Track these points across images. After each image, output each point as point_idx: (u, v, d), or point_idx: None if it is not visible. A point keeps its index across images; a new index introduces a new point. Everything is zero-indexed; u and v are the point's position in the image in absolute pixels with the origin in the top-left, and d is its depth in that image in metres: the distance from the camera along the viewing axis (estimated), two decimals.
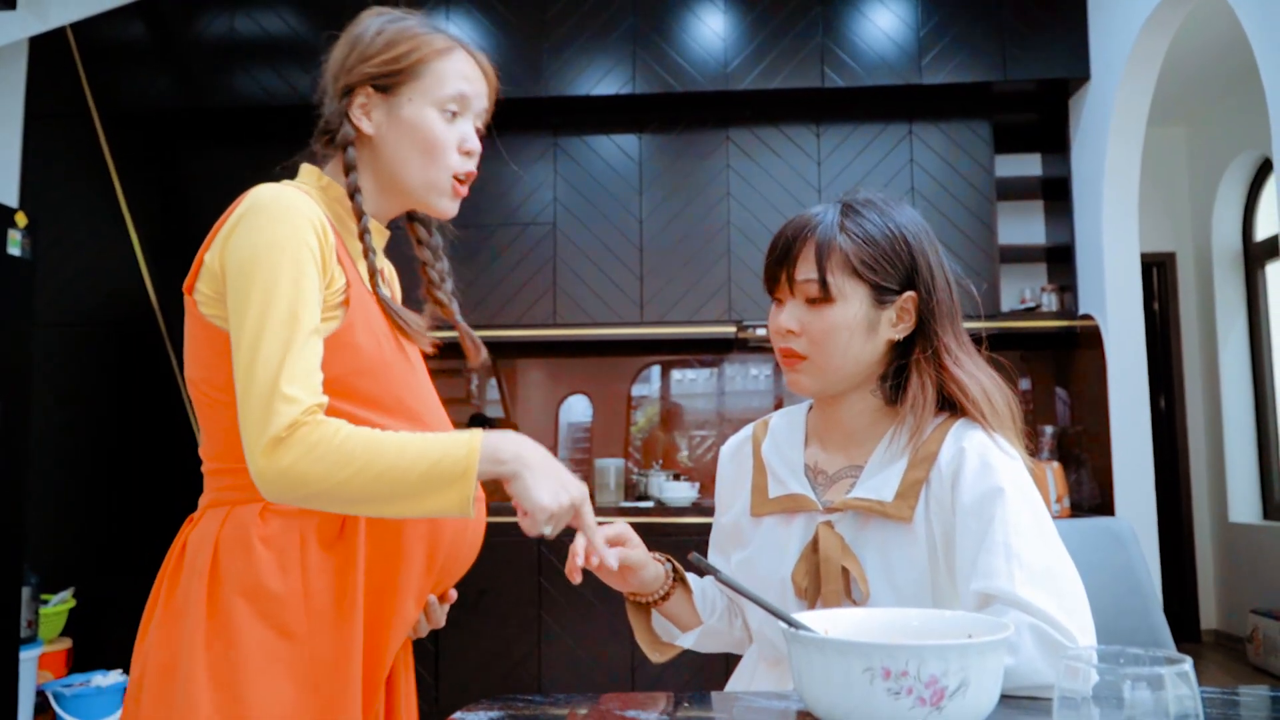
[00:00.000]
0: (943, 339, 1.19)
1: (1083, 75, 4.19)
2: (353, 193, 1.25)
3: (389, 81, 1.26)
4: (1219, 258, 5.45)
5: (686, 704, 0.94)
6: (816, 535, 1.17)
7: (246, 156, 4.66)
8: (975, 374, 1.19)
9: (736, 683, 1.26)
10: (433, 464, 1.04)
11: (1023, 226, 4.72)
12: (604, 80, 4.35)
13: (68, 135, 4.31)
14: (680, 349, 4.68)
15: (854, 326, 1.16)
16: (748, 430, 1.36)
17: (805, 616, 0.86)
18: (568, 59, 4.37)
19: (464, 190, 1.32)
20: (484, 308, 4.50)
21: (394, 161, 1.27)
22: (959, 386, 1.17)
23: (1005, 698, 0.91)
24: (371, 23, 1.29)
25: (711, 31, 4.33)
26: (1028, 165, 4.72)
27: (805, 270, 1.17)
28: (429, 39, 1.27)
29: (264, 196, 1.15)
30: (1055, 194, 4.59)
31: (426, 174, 1.27)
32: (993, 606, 1.04)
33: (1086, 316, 4.22)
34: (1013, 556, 1.04)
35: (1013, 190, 4.61)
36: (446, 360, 4.74)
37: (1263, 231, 5.34)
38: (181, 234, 4.60)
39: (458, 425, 1.17)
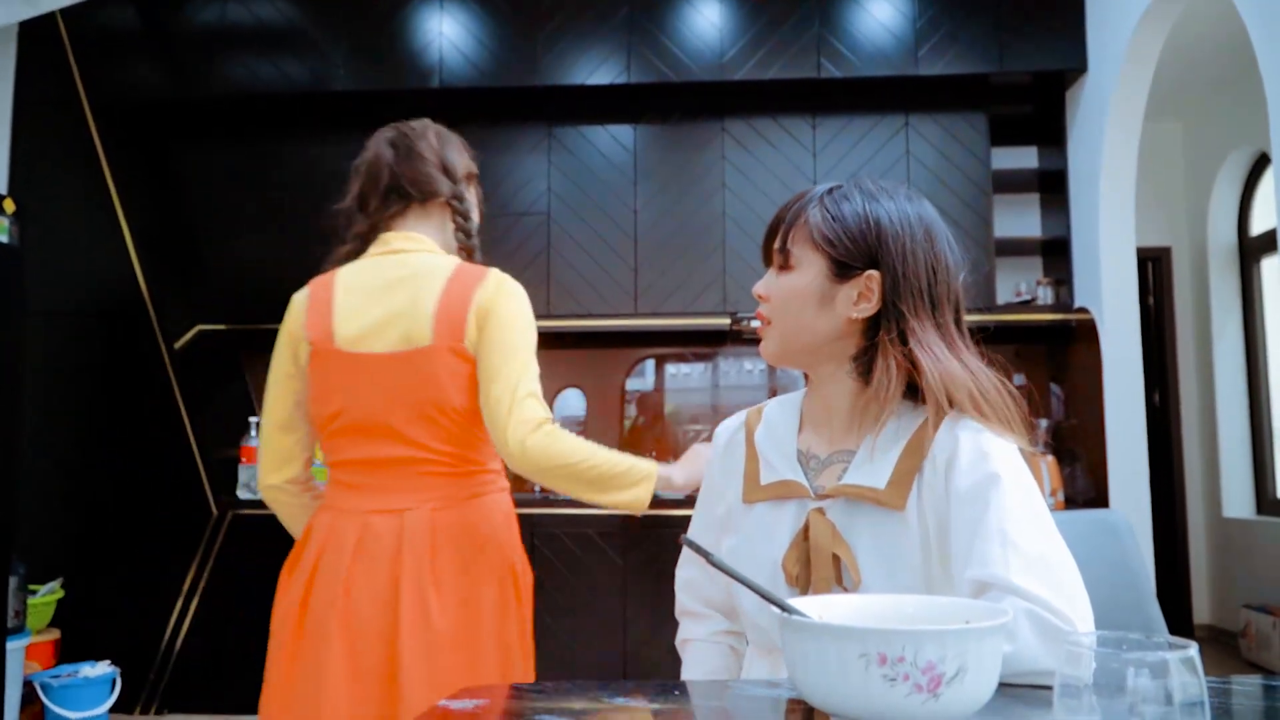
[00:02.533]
0: (909, 321, 1.16)
1: (1079, 68, 4.18)
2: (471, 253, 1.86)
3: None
4: (1214, 253, 5.44)
5: (676, 692, 0.92)
6: (807, 522, 1.15)
7: (239, 145, 4.65)
8: (946, 360, 1.15)
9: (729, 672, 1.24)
10: (629, 468, 1.66)
11: (1019, 219, 4.71)
12: (599, 70, 4.32)
13: (57, 122, 4.27)
14: (674, 341, 4.66)
15: (806, 295, 1.19)
16: (741, 417, 1.34)
17: (799, 602, 0.84)
18: (562, 49, 4.34)
19: None
20: None
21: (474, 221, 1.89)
22: (918, 369, 1.14)
23: (1003, 686, 0.89)
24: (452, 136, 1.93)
25: (707, 21, 4.31)
26: (1024, 158, 4.71)
27: (778, 240, 1.24)
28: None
29: (512, 284, 1.73)
30: (1051, 187, 4.57)
31: None
32: (989, 594, 1.03)
33: (1082, 310, 4.20)
34: (1008, 544, 1.03)
35: (1009, 183, 4.59)
36: None
37: (1258, 227, 5.34)
38: (173, 223, 4.57)
39: None
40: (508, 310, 1.67)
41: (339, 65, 4.38)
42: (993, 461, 1.09)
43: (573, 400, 4.58)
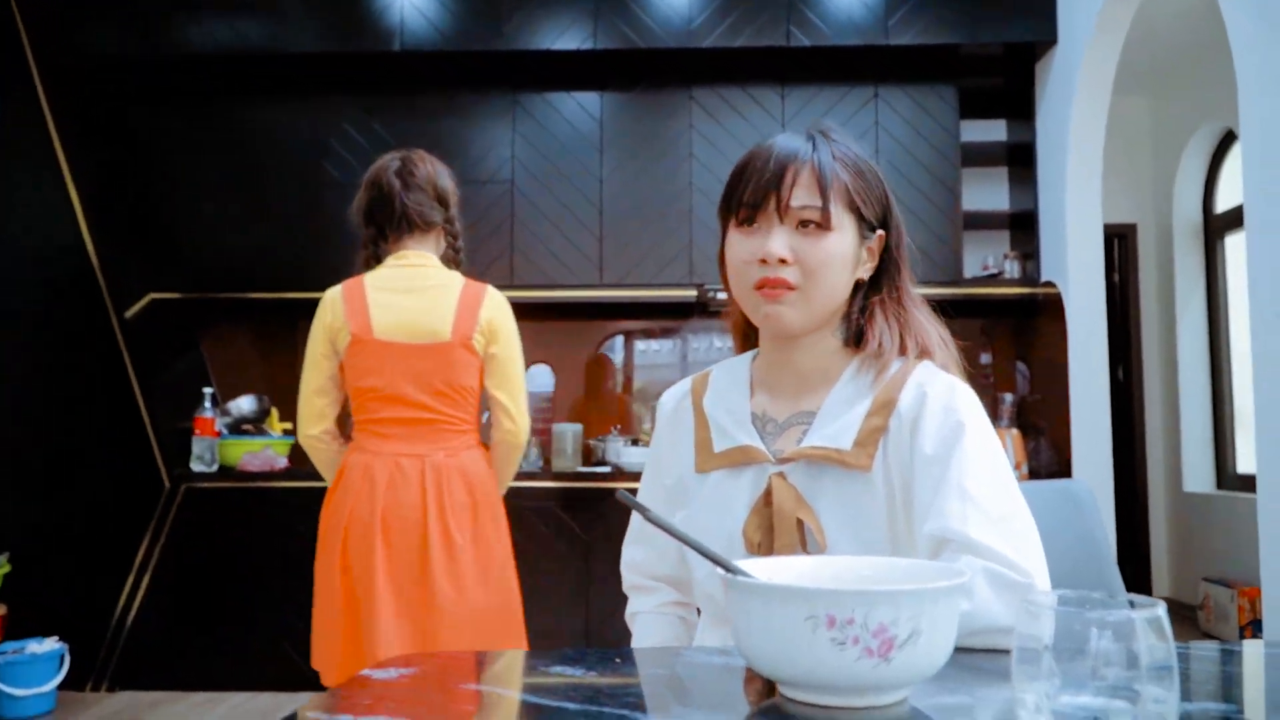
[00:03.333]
0: (903, 282, 1.18)
1: (1049, 39, 4.14)
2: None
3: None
4: (1179, 230, 5.45)
5: (618, 660, 0.87)
6: (769, 487, 1.10)
7: (195, 108, 4.52)
8: (928, 316, 1.19)
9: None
10: None
11: (987, 193, 4.68)
12: (565, 35, 4.23)
13: (1, 83, 4.12)
14: (641, 313, 4.60)
15: (845, 259, 1.13)
16: (685, 384, 1.27)
17: (749, 564, 0.80)
18: (528, 13, 4.24)
19: None
20: None
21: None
22: (920, 330, 1.16)
23: (959, 651, 0.85)
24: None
25: None
26: (993, 131, 4.67)
27: (804, 196, 1.11)
28: None
29: (501, 298, 2.36)
30: (1020, 160, 4.55)
31: None
32: (946, 551, 0.99)
33: (1048, 284, 4.19)
34: (968, 499, 1.00)
35: (977, 156, 4.56)
36: None
37: (1223, 204, 5.35)
38: (125, 188, 4.44)
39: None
40: (507, 326, 2.34)
41: (297, 26, 4.26)
42: (959, 415, 1.07)
43: (540, 376, 4.50)
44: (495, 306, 2.31)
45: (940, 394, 1.09)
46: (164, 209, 4.45)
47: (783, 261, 1.10)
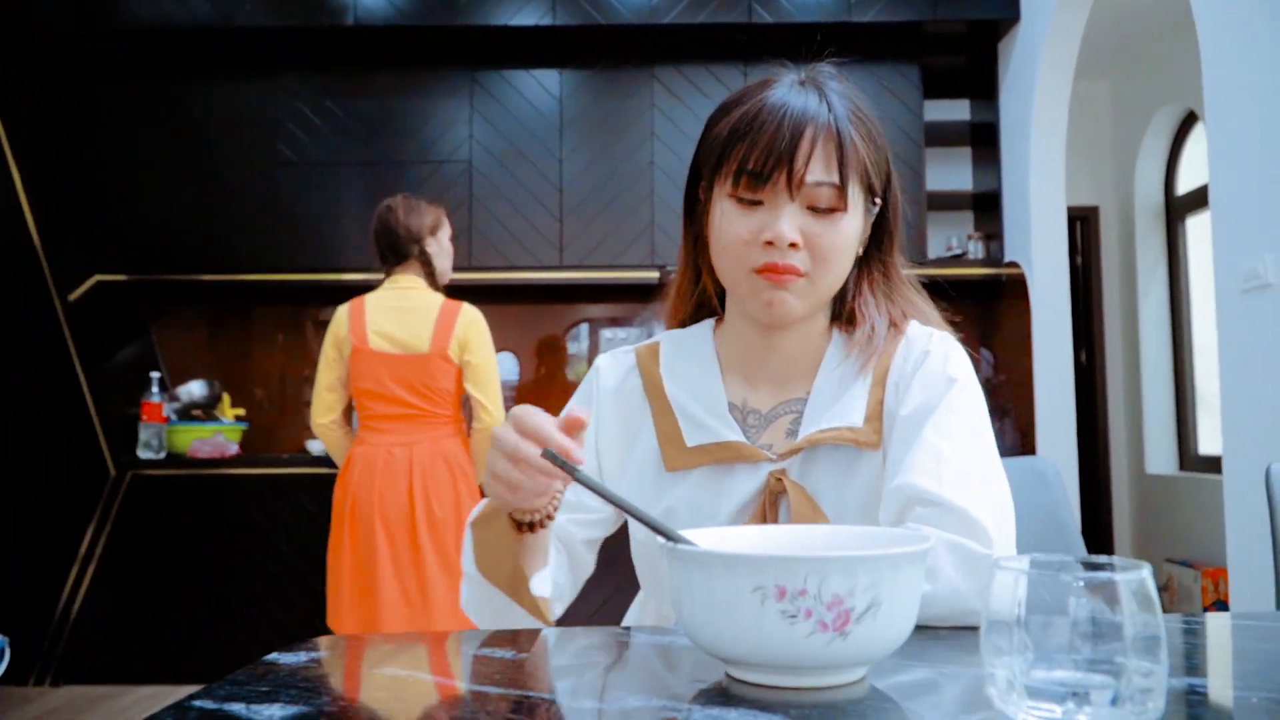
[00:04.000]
0: (894, 255, 1.08)
1: (1012, 17, 4.10)
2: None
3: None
4: (1141, 211, 5.44)
5: (547, 640, 0.80)
6: (770, 488, 0.98)
7: (143, 83, 4.37)
8: (923, 295, 1.12)
9: (628, 621, 1.11)
10: None
11: (950, 173, 4.64)
12: (523, 11, 4.13)
13: None
14: (602, 295, 4.52)
15: (855, 239, 1.01)
16: (628, 357, 1.11)
17: (692, 534, 0.72)
18: None
19: None
20: None
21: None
22: (909, 306, 1.08)
23: (922, 628, 0.79)
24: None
25: None
26: (956, 110, 4.63)
27: (820, 171, 0.96)
28: None
29: (475, 314, 2.81)
30: (983, 140, 4.51)
31: None
32: (914, 510, 0.91)
33: (1012, 264, 4.16)
34: (942, 458, 0.92)
35: (941, 136, 4.52)
36: None
37: (1184, 185, 5.35)
38: (71, 166, 4.29)
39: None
40: (479, 338, 2.78)
41: (247, 0, 4.13)
42: (951, 369, 1.01)
43: (504, 364, 4.40)
44: (468, 324, 2.77)
45: (933, 349, 1.02)
46: (111, 189, 4.30)
47: (793, 245, 0.96)
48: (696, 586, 0.64)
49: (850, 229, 0.98)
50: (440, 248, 2.86)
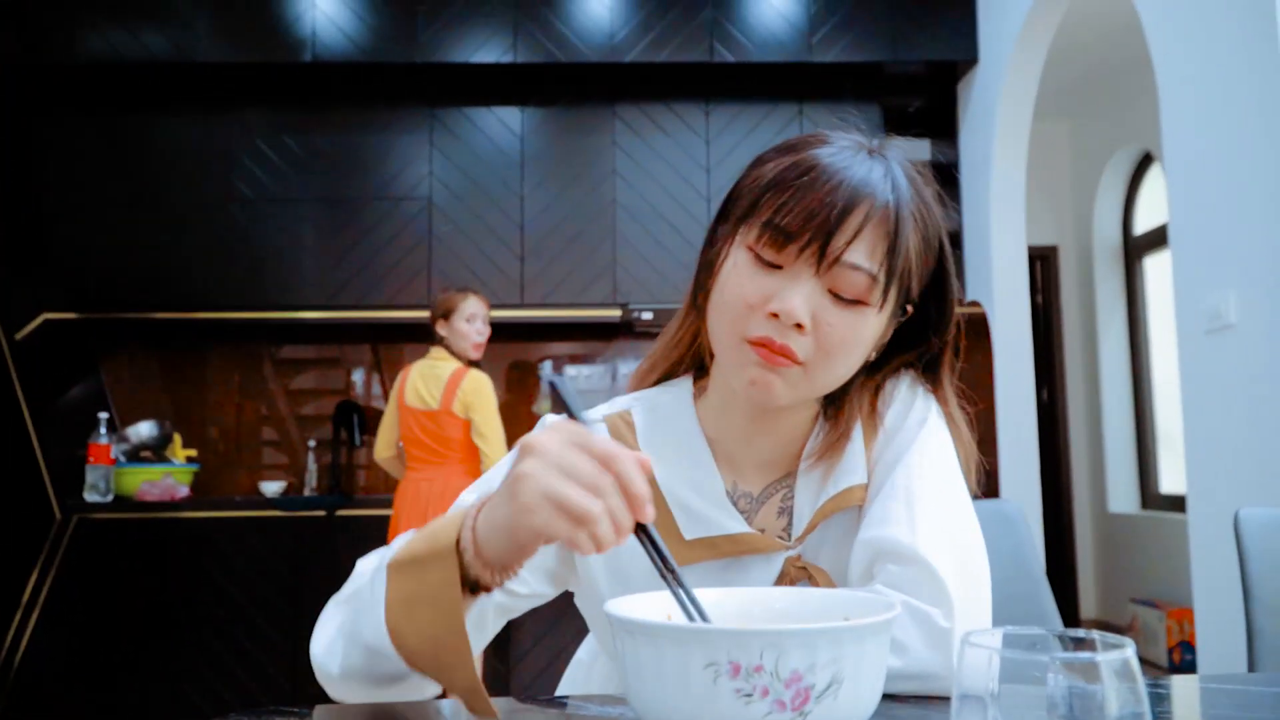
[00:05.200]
0: (947, 386, 1.01)
1: (971, 58, 4.14)
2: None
3: None
4: (1099, 251, 5.51)
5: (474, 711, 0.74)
6: (792, 578, 0.90)
7: (94, 119, 4.28)
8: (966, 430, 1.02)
9: (570, 682, 1.04)
10: None
11: None
12: (484, 48, 4.11)
13: None
14: (564, 334, 4.47)
15: (871, 340, 0.89)
16: (597, 430, 0.98)
17: (635, 599, 0.67)
18: (445, 24, 4.11)
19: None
20: (351, 288, 4.22)
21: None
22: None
23: (889, 697, 0.74)
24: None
25: (598, 0, 4.13)
26: (916, 150, 4.63)
27: (861, 254, 0.84)
28: None
29: (477, 378, 3.45)
30: (943, 181, 4.52)
31: None
32: (882, 569, 0.85)
33: (974, 304, 4.17)
34: (913, 501, 0.86)
35: None
36: (325, 348, 4.44)
37: (1141, 225, 5.42)
38: (18, 202, 4.18)
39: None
40: (479, 398, 3.42)
41: (202, 35, 4.08)
42: (921, 417, 0.95)
43: None
44: (469, 389, 3.41)
45: (914, 406, 0.96)
46: (61, 225, 4.20)
47: (798, 327, 0.84)
48: (644, 661, 0.59)
49: (871, 329, 0.87)
50: (451, 330, 3.48)
